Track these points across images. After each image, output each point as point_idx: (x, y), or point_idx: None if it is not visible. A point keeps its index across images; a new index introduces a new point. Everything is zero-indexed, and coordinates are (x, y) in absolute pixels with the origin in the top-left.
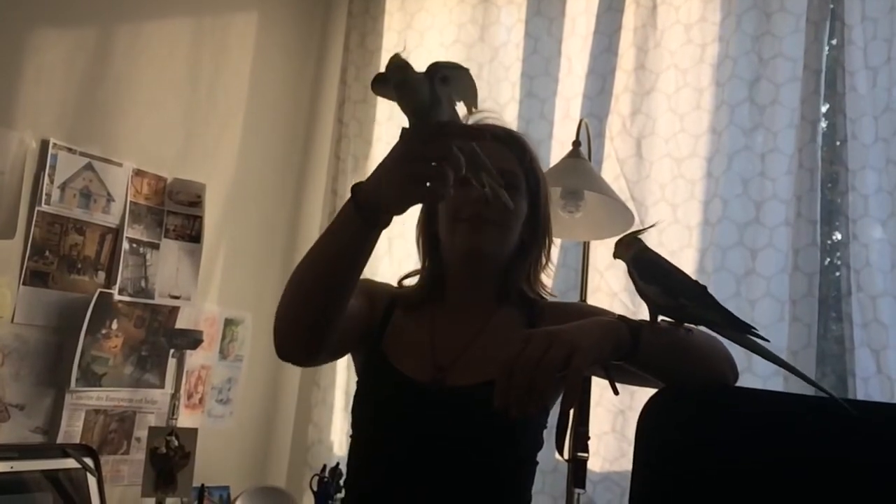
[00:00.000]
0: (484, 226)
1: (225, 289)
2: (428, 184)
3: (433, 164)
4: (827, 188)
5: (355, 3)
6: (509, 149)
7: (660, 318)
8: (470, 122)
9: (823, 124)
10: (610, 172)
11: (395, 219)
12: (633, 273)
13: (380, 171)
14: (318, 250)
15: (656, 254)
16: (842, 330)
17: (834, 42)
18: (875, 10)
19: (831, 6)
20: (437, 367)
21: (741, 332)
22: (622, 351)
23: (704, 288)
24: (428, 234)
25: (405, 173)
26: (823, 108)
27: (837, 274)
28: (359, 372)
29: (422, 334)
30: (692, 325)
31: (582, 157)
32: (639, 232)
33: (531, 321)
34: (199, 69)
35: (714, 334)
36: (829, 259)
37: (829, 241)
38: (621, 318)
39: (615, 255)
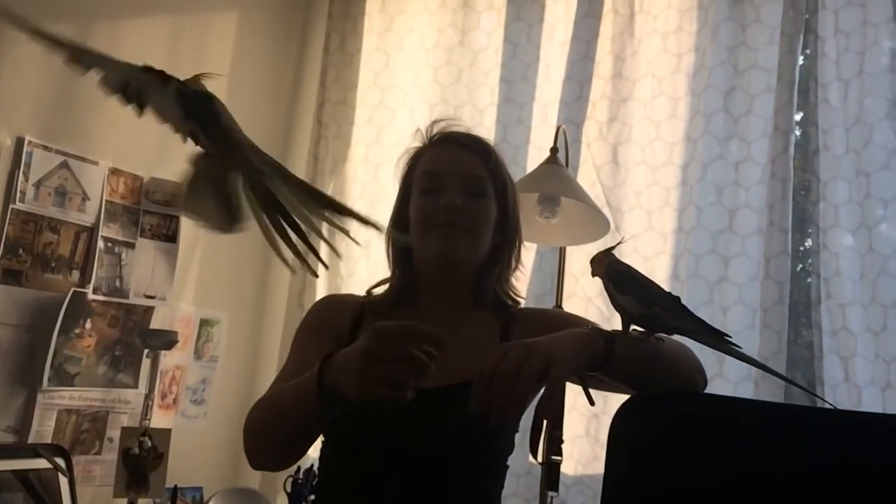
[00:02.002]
0: (455, 233)
1: (201, 289)
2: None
3: (395, 366)
4: (799, 197)
5: (336, 5)
6: (474, 154)
7: (631, 327)
8: (434, 129)
9: (797, 133)
10: (586, 178)
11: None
12: (608, 286)
13: (345, 359)
14: (280, 406)
15: (629, 266)
16: (811, 337)
17: (808, 52)
18: (848, 23)
19: (805, 18)
20: None
21: (714, 338)
22: (597, 361)
23: (677, 298)
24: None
25: (364, 371)
26: (797, 118)
27: (808, 281)
28: None
29: None
30: (662, 335)
31: (559, 164)
32: (611, 248)
33: (505, 325)
34: (178, 68)
35: (684, 342)
36: (800, 265)
37: (800, 249)
38: (594, 328)
39: (593, 274)
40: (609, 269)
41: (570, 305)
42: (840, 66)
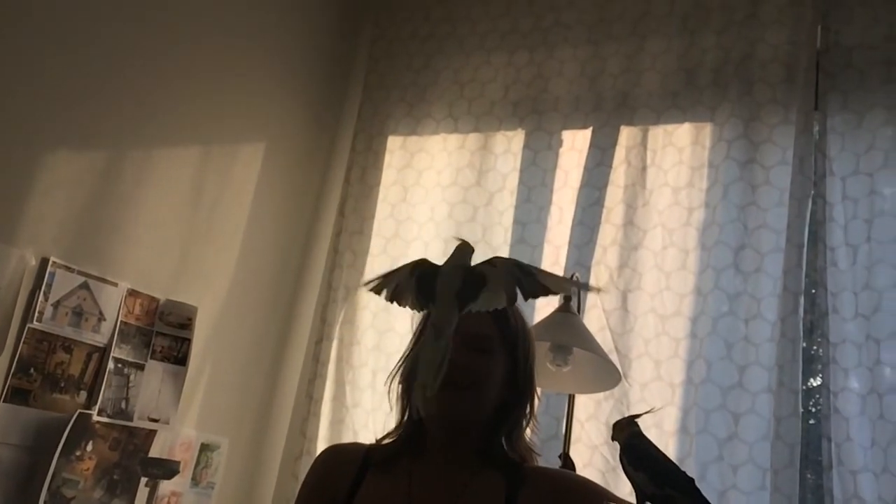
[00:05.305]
0: (454, 391)
1: (204, 412)
2: None
3: None
4: (809, 356)
5: (359, 139)
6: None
7: None
8: None
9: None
10: (595, 322)
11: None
12: (622, 458)
13: None
14: None
15: (648, 440)
16: (823, 500)
17: (817, 216)
18: (855, 191)
19: (814, 183)
20: None
21: None
22: None
23: (692, 480)
24: (410, 391)
25: None
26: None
27: (820, 444)
28: None
29: (398, 492)
30: None
31: (572, 312)
32: (636, 416)
33: (513, 486)
34: (202, 194)
35: None
36: (811, 426)
37: (811, 412)
38: None
39: (613, 438)
40: (628, 441)
41: (576, 451)
42: (848, 232)
